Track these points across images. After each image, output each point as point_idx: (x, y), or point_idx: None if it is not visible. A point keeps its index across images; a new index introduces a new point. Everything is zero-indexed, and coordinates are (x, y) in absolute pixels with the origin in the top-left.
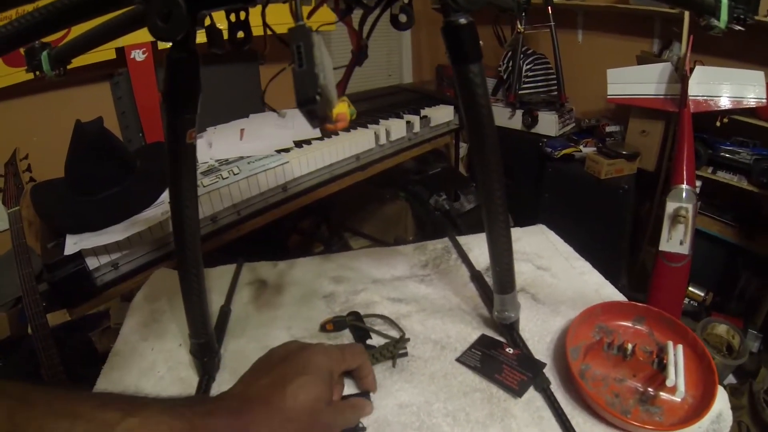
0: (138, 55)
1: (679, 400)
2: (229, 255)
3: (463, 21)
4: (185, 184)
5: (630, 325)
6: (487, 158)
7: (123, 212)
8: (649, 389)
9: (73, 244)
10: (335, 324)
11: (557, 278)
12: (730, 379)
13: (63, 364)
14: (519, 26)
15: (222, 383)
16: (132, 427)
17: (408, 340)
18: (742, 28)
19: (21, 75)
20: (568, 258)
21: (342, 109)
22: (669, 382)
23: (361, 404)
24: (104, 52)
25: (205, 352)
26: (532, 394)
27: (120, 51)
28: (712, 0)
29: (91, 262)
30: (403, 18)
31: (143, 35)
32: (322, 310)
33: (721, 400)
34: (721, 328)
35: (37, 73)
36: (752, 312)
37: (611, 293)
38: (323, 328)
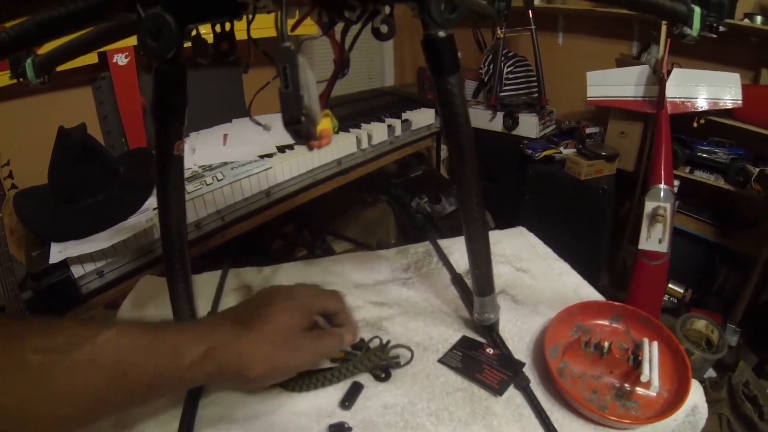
0: (120, 59)
1: (654, 394)
2: (213, 261)
3: (442, 34)
4: (173, 195)
5: (607, 323)
6: (465, 166)
7: (108, 220)
8: (626, 385)
9: (58, 252)
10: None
11: (536, 279)
12: (710, 372)
13: None
14: (499, 32)
15: (210, 392)
16: (109, 337)
17: (389, 342)
18: (715, 35)
19: (1, 79)
20: (546, 259)
21: (326, 125)
22: (643, 378)
23: (338, 333)
24: (86, 56)
25: None
26: (512, 392)
27: (102, 55)
28: (684, 9)
29: (77, 270)
30: (384, 29)
31: (125, 39)
32: None
33: (696, 394)
34: (700, 324)
35: (21, 79)
36: (730, 307)
37: (590, 293)
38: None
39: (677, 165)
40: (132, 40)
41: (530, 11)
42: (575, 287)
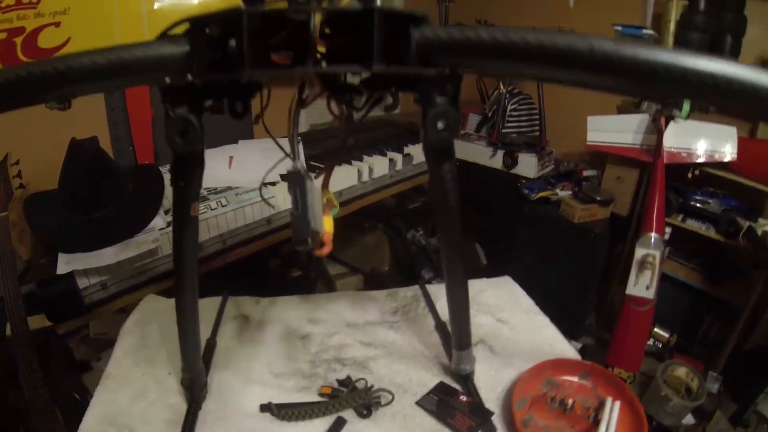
0: None
1: None
2: (212, 278)
3: None
4: (186, 247)
5: (576, 380)
6: (452, 246)
7: (115, 235)
8: None
9: (65, 264)
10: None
11: (515, 331)
12: (689, 419)
13: (42, 369)
14: (501, 87)
15: (208, 412)
16: None
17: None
18: (705, 113)
19: None
20: (528, 312)
21: (328, 227)
22: None
23: None
24: None
25: (195, 384)
26: None
27: None
28: None
29: (81, 282)
30: (389, 101)
31: None
32: (299, 350)
33: None
34: (681, 371)
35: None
36: (714, 354)
37: (564, 349)
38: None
39: (670, 213)
40: None
41: None
42: (552, 341)
